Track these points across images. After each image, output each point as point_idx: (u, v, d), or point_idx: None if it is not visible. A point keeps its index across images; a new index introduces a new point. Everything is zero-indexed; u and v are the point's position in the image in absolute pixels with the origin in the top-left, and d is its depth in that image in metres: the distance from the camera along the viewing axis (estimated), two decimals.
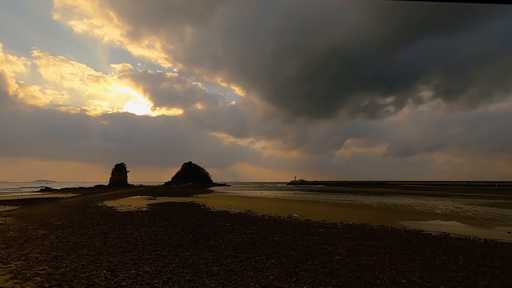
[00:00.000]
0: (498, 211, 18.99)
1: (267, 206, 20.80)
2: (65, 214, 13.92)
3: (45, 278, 4.83)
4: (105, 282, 4.66)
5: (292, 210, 17.87)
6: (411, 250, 7.31)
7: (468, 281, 5.03)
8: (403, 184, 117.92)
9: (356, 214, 16.36)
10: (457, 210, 19.67)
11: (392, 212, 18.47)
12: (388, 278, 5.08)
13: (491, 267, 5.91)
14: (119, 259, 6.02)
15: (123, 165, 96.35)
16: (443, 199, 31.66)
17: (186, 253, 6.62)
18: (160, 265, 5.61)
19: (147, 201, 22.96)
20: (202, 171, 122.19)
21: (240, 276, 5.06)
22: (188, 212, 15.48)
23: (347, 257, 6.51)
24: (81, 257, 6.14)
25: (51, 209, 16.20)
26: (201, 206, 19.51)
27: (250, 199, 28.99)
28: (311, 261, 6.10)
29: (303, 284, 4.73)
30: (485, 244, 8.41)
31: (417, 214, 17.06)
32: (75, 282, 4.66)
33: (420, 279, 5.06)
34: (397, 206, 23.20)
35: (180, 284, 4.65)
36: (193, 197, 29.89)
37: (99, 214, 13.83)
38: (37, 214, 13.94)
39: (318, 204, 24.48)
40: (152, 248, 6.99)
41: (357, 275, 5.18)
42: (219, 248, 7.13)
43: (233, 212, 15.87)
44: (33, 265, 5.51)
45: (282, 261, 6.09)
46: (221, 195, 36.41)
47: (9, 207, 19.01)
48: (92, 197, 28.04)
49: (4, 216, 13.14)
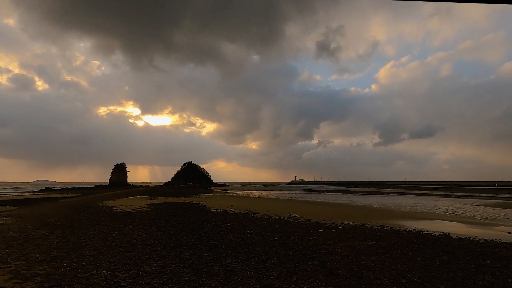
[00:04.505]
0: (498, 211, 18.99)
1: (267, 206, 20.80)
2: (65, 214, 13.92)
3: (45, 278, 4.83)
4: (105, 282, 4.66)
5: (292, 210, 17.86)
6: (411, 250, 7.31)
7: (468, 281, 5.03)
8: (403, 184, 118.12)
9: (356, 214, 16.35)
10: (457, 210, 19.67)
11: (392, 212, 18.47)
12: (388, 278, 5.08)
13: (491, 267, 5.91)
14: (119, 259, 6.02)
15: (123, 165, 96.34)
16: (443, 199, 31.67)
17: (186, 253, 6.62)
18: (160, 265, 5.61)
19: (147, 201, 22.95)
20: (202, 171, 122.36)
21: (240, 276, 5.06)
22: (188, 212, 15.48)
23: (347, 257, 6.51)
24: (81, 257, 6.14)
25: (51, 209, 16.20)
26: (201, 206, 19.50)
27: (250, 199, 28.99)
28: (311, 261, 6.10)
29: (303, 284, 4.73)
30: (485, 244, 8.41)
31: (417, 214, 17.05)
32: (75, 282, 4.66)
33: (420, 279, 5.05)
34: (397, 206, 23.20)
35: (180, 284, 4.65)
36: (193, 197, 29.88)
37: (99, 214, 13.83)
38: (37, 214, 13.95)
39: (318, 204, 24.48)
40: (152, 248, 6.99)
41: (357, 275, 5.18)
42: (219, 248, 7.13)
43: (233, 212, 15.87)
44: (33, 265, 5.51)
45: (282, 261, 6.08)
46: (221, 195, 36.41)
47: (9, 207, 19.01)
48: (92, 197, 28.04)
49: (4, 216, 13.14)
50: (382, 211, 19.09)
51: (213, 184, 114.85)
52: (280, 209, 18.07)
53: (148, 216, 13.40)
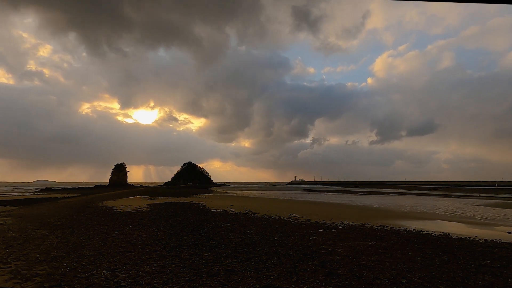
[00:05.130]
0: (498, 211, 18.98)
1: (267, 206, 20.79)
2: (65, 214, 13.92)
3: (45, 278, 4.83)
4: (105, 282, 4.66)
5: (292, 210, 17.86)
6: (411, 250, 7.31)
7: (468, 281, 5.03)
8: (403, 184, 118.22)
9: (356, 214, 16.35)
10: (457, 210, 19.66)
11: (392, 212, 18.47)
12: (388, 278, 5.08)
13: (491, 267, 5.91)
14: (119, 259, 6.02)
15: (123, 165, 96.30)
16: (443, 199, 31.66)
17: (186, 253, 6.62)
18: (160, 265, 5.61)
19: (147, 201, 22.94)
20: (202, 171, 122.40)
21: (240, 276, 5.06)
22: (188, 212, 15.48)
23: (347, 257, 6.51)
24: (81, 257, 6.14)
25: (51, 209, 16.20)
26: (201, 206, 19.50)
27: (250, 199, 28.98)
28: (311, 261, 6.10)
29: (303, 284, 4.73)
30: (485, 244, 8.41)
31: (417, 214, 17.05)
32: (75, 282, 4.66)
33: (420, 279, 5.05)
34: (397, 206, 23.19)
35: (180, 284, 4.65)
36: (193, 197, 29.87)
37: (99, 214, 13.82)
38: (37, 214, 13.94)
39: (318, 204, 24.48)
40: (152, 248, 6.99)
41: (357, 275, 5.18)
42: (219, 248, 7.13)
43: (233, 212, 15.87)
44: (33, 265, 5.51)
45: (282, 261, 6.08)
46: (221, 195, 36.40)
47: (9, 207, 19.00)
48: (92, 197, 28.03)
49: (4, 216, 13.14)
50: (382, 211, 19.08)
51: (213, 184, 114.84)
52: (280, 209, 18.06)
53: (148, 216, 13.40)
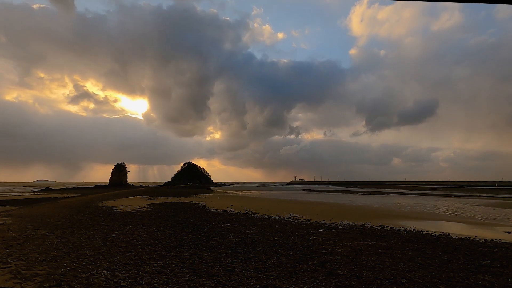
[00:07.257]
0: (498, 211, 18.97)
1: (267, 206, 20.79)
2: (65, 214, 13.91)
3: (45, 278, 4.83)
4: (105, 282, 4.66)
5: (292, 210, 17.86)
6: (411, 250, 7.31)
7: (468, 281, 5.03)
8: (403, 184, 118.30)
9: (356, 214, 16.35)
10: (457, 210, 19.66)
11: (392, 212, 18.47)
12: (388, 278, 5.08)
13: (491, 267, 5.91)
14: (119, 259, 6.02)
15: (123, 165, 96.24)
16: (443, 199, 31.66)
17: (186, 253, 6.62)
18: (160, 265, 5.61)
19: (147, 201, 22.94)
20: (202, 171, 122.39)
21: (240, 276, 5.06)
22: (188, 212, 15.48)
23: (347, 257, 6.51)
24: (81, 257, 6.14)
25: (51, 209, 16.19)
26: (201, 206, 19.50)
27: (250, 199, 28.98)
28: (311, 261, 6.10)
29: (303, 284, 4.73)
30: (485, 244, 8.41)
31: (417, 214, 17.05)
32: (75, 282, 4.65)
33: (420, 279, 5.05)
34: (397, 206, 23.19)
35: (180, 284, 4.65)
36: (193, 197, 29.87)
37: (99, 214, 13.82)
38: (37, 214, 13.94)
39: (318, 204, 24.47)
40: (152, 248, 6.99)
41: (357, 275, 5.18)
42: (219, 248, 7.13)
43: (233, 212, 15.87)
44: (33, 265, 5.50)
45: (282, 261, 6.08)
46: (221, 195, 36.39)
47: (9, 207, 18.99)
48: (92, 197, 28.03)
49: (4, 216, 13.13)
50: (382, 211, 19.08)
51: (213, 184, 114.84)
52: (280, 209, 18.07)
53: (148, 216, 13.40)
